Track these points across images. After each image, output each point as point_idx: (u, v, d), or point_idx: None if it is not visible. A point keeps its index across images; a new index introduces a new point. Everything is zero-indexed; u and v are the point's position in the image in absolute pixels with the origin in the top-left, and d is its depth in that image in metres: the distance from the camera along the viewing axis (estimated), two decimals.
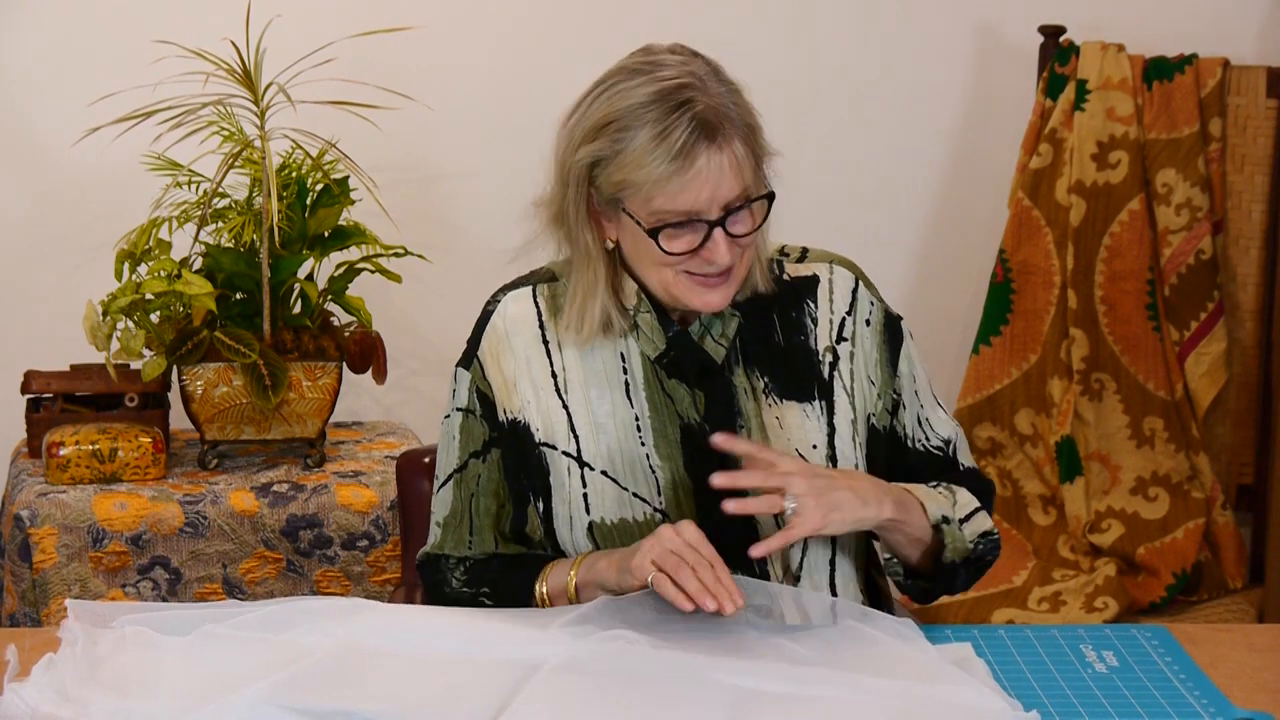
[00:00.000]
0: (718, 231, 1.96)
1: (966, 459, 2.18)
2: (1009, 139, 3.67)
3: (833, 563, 2.08)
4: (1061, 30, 3.59)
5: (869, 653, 1.91)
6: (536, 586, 2.05)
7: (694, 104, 1.94)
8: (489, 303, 2.14)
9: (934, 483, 2.12)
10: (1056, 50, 3.58)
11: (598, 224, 2.04)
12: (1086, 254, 3.55)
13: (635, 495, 2.04)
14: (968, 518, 2.09)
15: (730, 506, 1.94)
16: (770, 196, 1.99)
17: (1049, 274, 3.58)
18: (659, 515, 2.04)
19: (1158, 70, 3.54)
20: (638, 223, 1.97)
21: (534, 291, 2.12)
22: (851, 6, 3.68)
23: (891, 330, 2.14)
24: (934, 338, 3.73)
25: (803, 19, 3.67)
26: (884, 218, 3.75)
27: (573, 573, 2.02)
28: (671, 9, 3.57)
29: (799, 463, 1.99)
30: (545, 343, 2.09)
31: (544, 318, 2.10)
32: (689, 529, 1.92)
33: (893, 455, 2.14)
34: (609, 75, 2.00)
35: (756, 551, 1.93)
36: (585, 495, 2.05)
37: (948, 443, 2.16)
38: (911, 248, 3.79)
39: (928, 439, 2.15)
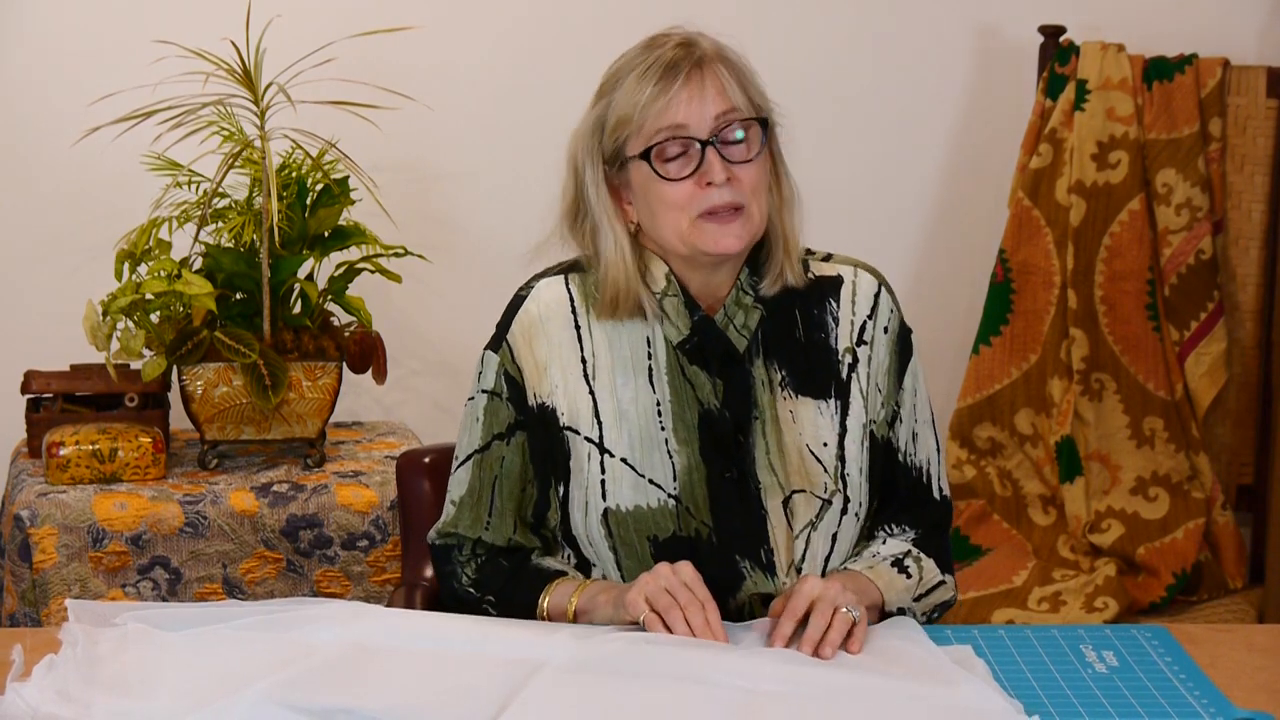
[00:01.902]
0: (710, 150, 2.01)
1: (945, 485, 2.21)
2: (1009, 139, 3.67)
3: (828, 560, 2.09)
4: (1061, 30, 3.59)
5: (872, 653, 1.91)
6: (540, 600, 2.06)
7: (677, 35, 2.06)
8: (521, 289, 2.16)
9: (908, 549, 2.13)
10: (1056, 50, 3.58)
11: (619, 202, 2.08)
12: (1086, 254, 3.55)
13: (651, 481, 2.06)
14: (928, 592, 2.12)
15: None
16: (764, 122, 2.05)
17: (1049, 274, 3.58)
18: (672, 501, 2.05)
19: (1158, 70, 3.54)
20: (638, 158, 2.03)
21: (566, 279, 2.14)
22: (851, 7, 3.69)
23: (903, 342, 2.17)
24: (934, 338, 3.72)
25: (802, 19, 3.68)
26: (884, 218, 3.75)
27: (574, 598, 2.03)
28: (670, 8, 3.56)
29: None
30: (577, 328, 2.11)
31: (576, 304, 2.12)
32: (686, 569, 1.96)
33: (885, 465, 2.15)
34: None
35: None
36: (603, 481, 2.06)
37: (927, 462, 2.18)
38: (911, 248, 3.79)
39: (916, 453, 2.17)
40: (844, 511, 2.09)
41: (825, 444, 2.09)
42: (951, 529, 2.23)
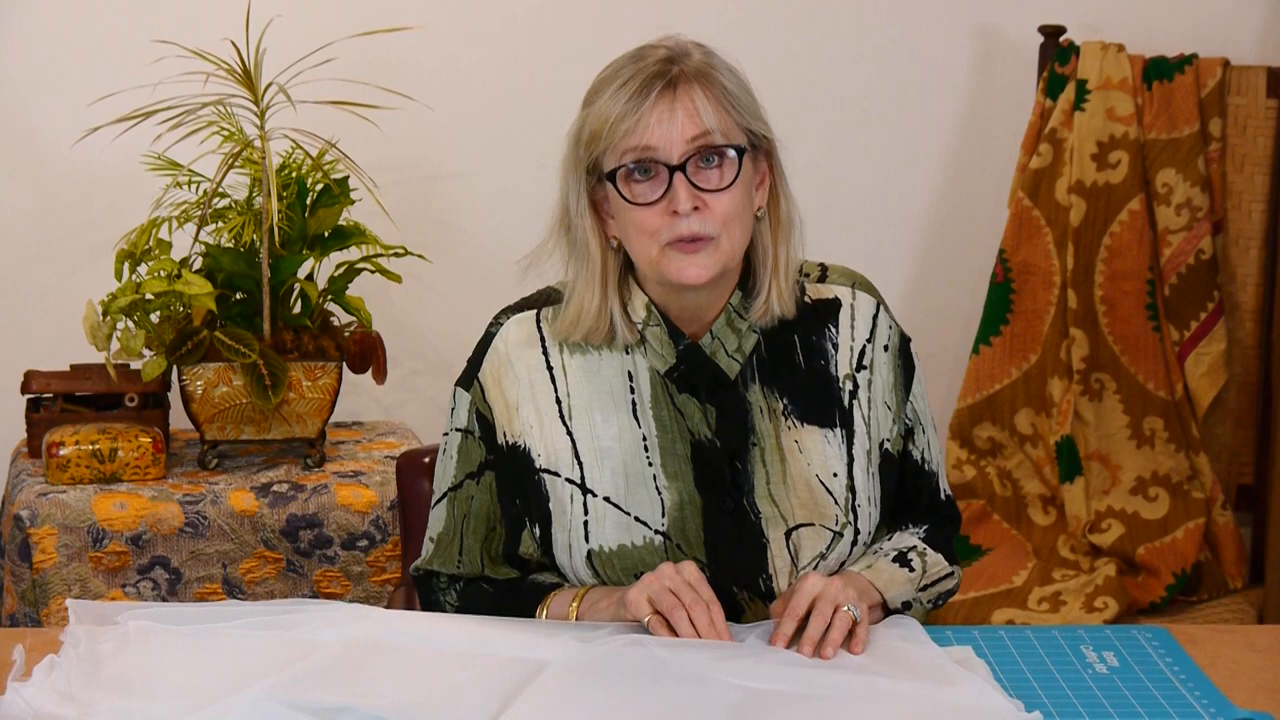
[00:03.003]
0: (678, 177, 1.94)
1: (947, 486, 2.19)
2: (1009, 139, 3.67)
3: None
4: (1061, 30, 3.59)
5: (873, 653, 1.91)
6: (538, 614, 2.03)
7: (660, 50, 1.97)
8: (491, 324, 2.11)
9: (913, 545, 2.12)
10: (1056, 50, 3.58)
11: (599, 217, 2.03)
12: (1086, 254, 3.55)
13: (637, 519, 2.02)
14: (934, 583, 2.11)
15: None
16: (740, 150, 1.97)
17: (1049, 274, 3.59)
18: (659, 538, 2.01)
19: (1158, 70, 3.54)
20: (607, 179, 1.97)
21: (537, 316, 2.09)
22: (851, 7, 3.69)
23: (905, 355, 2.12)
24: (934, 338, 3.73)
25: (802, 19, 3.68)
26: (884, 218, 3.75)
27: (574, 604, 2.01)
28: (670, 8, 3.57)
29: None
30: (549, 368, 2.06)
31: (547, 343, 2.07)
32: (689, 568, 1.92)
33: (906, 479, 2.13)
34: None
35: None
36: (586, 523, 2.03)
37: (938, 468, 2.17)
38: (911, 248, 3.79)
39: (932, 461, 2.15)
40: (854, 543, 2.05)
41: (835, 474, 2.05)
42: (958, 531, 2.21)
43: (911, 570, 2.07)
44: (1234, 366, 3.58)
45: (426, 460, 2.44)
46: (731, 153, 1.96)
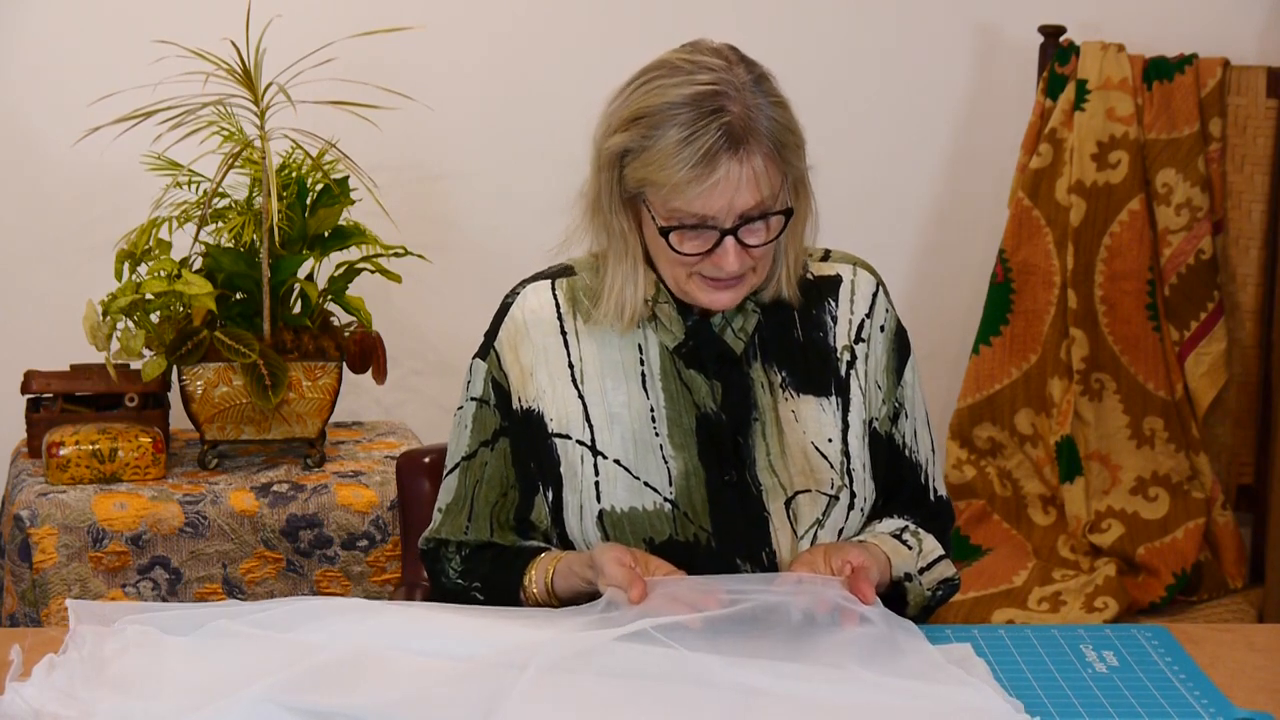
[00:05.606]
0: (729, 240, 1.98)
1: (941, 486, 2.22)
2: (1009, 139, 3.67)
3: None
4: (1061, 30, 3.59)
5: (871, 652, 1.91)
6: (524, 580, 2.08)
7: (723, 113, 1.96)
8: (508, 295, 2.16)
9: (905, 525, 2.15)
10: (1056, 50, 3.58)
11: (631, 213, 2.06)
12: (1086, 254, 3.55)
13: (647, 484, 2.06)
14: (930, 566, 2.13)
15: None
16: (788, 213, 2.01)
17: (1049, 274, 3.59)
18: (668, 505, 2.05)
19: (1158, 70, 3.54)
20: (653, 218, 2.01)
21: (553, 284, 2.14)
22: (851, 6, 3.69)
23: (900, 340, 2.17)
24: (934, 338, 3.73)
25: (803, 19, 3.67)
26: (884, 218, 3.75)
27: (551, 568, 2.05)
28: (671, 9, 3.57)
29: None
30: (563, 334, 2.11)
31: (562, 309, 2.12)
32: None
33: (889, 461, 2.16)
34: (651, 67, 2.02)
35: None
36: (597, 483, 2.07)
37: (926, 462, 2.19)
38: (911, 248, 3.79)
39: (918, 451, 2.18)
40: (850, 507, 2.09)
41: (830, 440, 2.09)
42: (951, 529, 2.23)
43: (910, 548, 2.11)
44: (1234, 366, 3.58)
45: (427, 460, 2.44)
46: (779, 216, 2.00)
